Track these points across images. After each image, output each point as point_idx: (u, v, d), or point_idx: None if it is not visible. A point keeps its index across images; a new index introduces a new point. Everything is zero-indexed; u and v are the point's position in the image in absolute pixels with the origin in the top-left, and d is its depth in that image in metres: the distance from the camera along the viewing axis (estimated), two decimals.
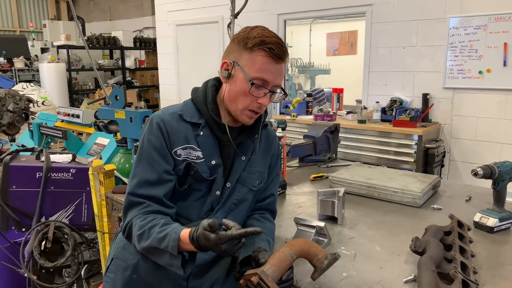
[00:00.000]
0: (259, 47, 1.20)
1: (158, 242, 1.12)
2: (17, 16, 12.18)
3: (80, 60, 8.95)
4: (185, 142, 1.27)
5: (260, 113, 1.30)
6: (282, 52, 1.21)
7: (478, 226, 1.59)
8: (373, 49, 4.74)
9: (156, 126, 1.26)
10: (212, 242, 1.04)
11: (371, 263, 1.34)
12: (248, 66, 1.22)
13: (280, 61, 1.23)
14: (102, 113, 2.29)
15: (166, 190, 1.25)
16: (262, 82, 1.22)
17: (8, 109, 3.98)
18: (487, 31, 3.93)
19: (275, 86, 1.26)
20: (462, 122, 4.24)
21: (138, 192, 1.24)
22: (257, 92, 1.23)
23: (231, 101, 1.26)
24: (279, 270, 1.08)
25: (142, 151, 1.27)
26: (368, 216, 1.75)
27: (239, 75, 1.23)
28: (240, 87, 1.23)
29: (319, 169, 2.49)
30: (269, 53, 1.20)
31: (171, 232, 1.12)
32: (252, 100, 1.24)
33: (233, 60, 1.24)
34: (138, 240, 1.18)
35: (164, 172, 1.24)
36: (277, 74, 1.24)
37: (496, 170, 1.55)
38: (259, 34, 1.21)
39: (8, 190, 2.17)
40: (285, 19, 5.57)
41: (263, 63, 1.21)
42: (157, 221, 1.18)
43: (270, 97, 1.26)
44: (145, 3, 10.45)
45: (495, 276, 1.26)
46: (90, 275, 2.64)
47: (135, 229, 1.19)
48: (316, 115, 4.48)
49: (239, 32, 1.27)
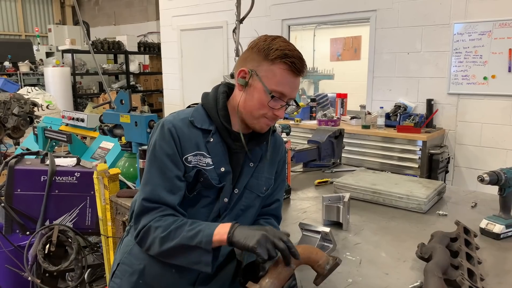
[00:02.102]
0: (281, 60, 1.19)
1: (190, 239, 1.12)
2: (23, 20, 12.27)
3: (85, 64, 9.00)
4: (195, 148, 1.26)
5: (274, 122, 1.30)
6: (302, 67, 1.22)
7: (485, 232, 1.58)
8: (377, 55, 4.74)
9: (168, 132, 1.24)
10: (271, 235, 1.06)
11: (376, 269, 1.34)
12: (268, 78, 1.21)
13: (299, 75, 1.23)
14: (107, 117, 2.29)
15: (178, 197, 1.24)
16: (280, 95, 1.22)
17: (13, 112, 4.00)
18: (492, 36, 3.93)
19: (291, 99, 1.26)
20: (467, 128, 4.23)
21: (152, 198, 1.21)
22: (274, 104, 1.23)
23: (246, 110, 1.26)
24: (278, 282, 1.07)
25: (154, 157, 1.25)
26: (373, 222, 1.74)
27: (257, 85, 1.22)
28: (258, 97, 1.22)
29: (324, 174, 2.48)
30: (291, 67, 1.19)
31: (205, 228, 1.12)
32: (268, 110, 1.24)
33: (252, 69, 1.23)
34: (162, 242, 1.16)
35: (177, 179, 1.23)
36: (294, 88, 1.24)
37: (502, 176, 1.54)
38: (281, 47, 1.20)
39: (13, 194, 2.18)
40: (289, 24, 5.59)
41: (283, 77, 1.20)
42: (183, 221, 1.17)
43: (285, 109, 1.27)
44: (150, 8, 10.52)
45: (502, 283, 1.25)
46: (93, 279, 2.64)
47: (158, 231, 1.17)
48: (320, 120, 4.48)
49: (258, 40, 1.26)
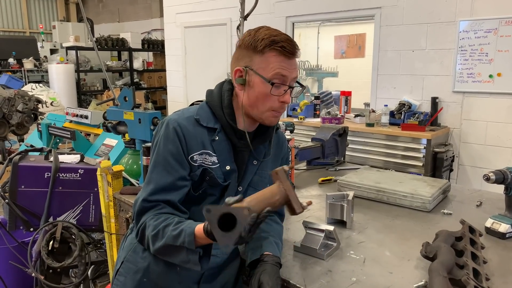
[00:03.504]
0: (270, 48, 1.18)
1: (174, 239, 1.11)
2: (27, 17, 12.31)
3: (89, 61, 9.02)
4: (201, 147, 1.25)
5: (283, 111, 1.29)
6: (293, 48, 1.20)
7: (490, 232, 1.57)
8: (382, 52, 4.72)
9: (173, 131, 1.23)
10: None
11: (380, 268, 1.33)
12: (263, 68, 1.20)
13: (293, 57, 1.22)
14: (110, 114, 2.29)
15: (181, 196, 1.23)
16: (281, 80, 1.21)
17: (18, 109, 4.02)
18: (498, 34, 3.89)
19: (293, 80, 1.25)
20: (472, 126, 4.20)
21: (152, 199, 1.21)
22: (278, 91, 1.22)
23: (252, 106, 1.25)
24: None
25: (158, 157, 1.24)
26: (377, 220, 1.73)
27: (255, 80, 1.21)
28: (259, 91, 1.22)
29: (327, 172, 2.47)
30: (281, 51, 1.19)
31: (186, 228, 1.11)
32: (273, 101, 1.23)
33: (246, 66, 1.22)
34: (153, 241, 1.16)
35: (180, 178, 1.23)
36: (292, 69, 1.22)
37: (508, 175, 1.53)
38: (266, 35, 1.19)
39: (17, 190, 2.18)
40: (293, 21, 5.57)
41: (277, 62, 1.19)
42: (171, 220, 1.16)
43: (290, 93, 1.26)
44: (154, 5, 10.52)
45: (507, 283, 1.24)
46: (97, 275, 2.64)
47: (148, 230, 1.17)
48: (324, 118, 4.46)
49: (243, 37, 1.25)
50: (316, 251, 1.39)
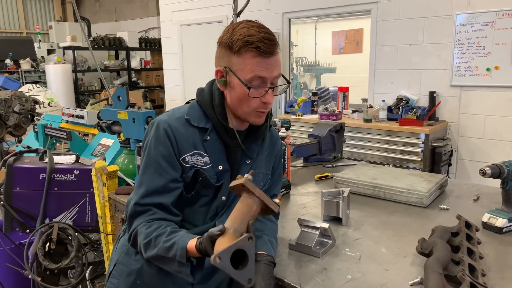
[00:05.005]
0: (246, 49, 1.14)
1: (166, 251, 1.09)
2: (24, 18, 12.26)
3: (86, 61, 8.99)
4: (192, 148, 1.23)
5: (268, 110, 1.26)
6: (271, 47, 1.15)
7: (487, 226, 1.56)
8: (379, 47, 4.70)
9: (164, 133, 1.20)
10: None
11: (376, 265, 1.32)
12: (241, 70, 1.16)
13: (271, 56, 1.16)
14: (105, 114, 2.27)
15: (173, 198, 1.21)
16: (259, 81, 1.17)
17: (14, 110, 3.99)
18: (495, 27, 3.87)
19: (275, 79, 1.20)
20: (470, 120, 4.18)
21: (144, 202, 1.19)
22: (257, 92, 1.18)
23: (236, 107, 1.22)
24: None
25: (149, 159, 1.22)
26: (373, 217, 1.72)
27: (235, 81, 1.18)
28: (239, 92, 1.19)
29: (324, 169, 2.46)
30: (257, 52, 1.14)
31: (179, 241, 1.09)
32: (255, 101, 1.19)
33: (225, 66, 1.19)
34: (145, 248, 1.15)
35: (172, 180, 1.21)
36: (272, 68, 1.17)
37: (505, 169, 1.51)
38: (242, 35, 1.13)
39: (12, 192, 2.17)
40: (290, 17, 5.54)
41: (254, 64, 1.15)
42: (163, 229, 1.14)
43: (273, 92, 1.21)
44: (150, 3, 10.47)
45: (504, 278, 1.23)
46: (94, 276, 2.63)
47: (140, 237, 1.15)
48: (322, 114, 4.45)
49: (222, 34, 1.20)
50: (311, 249, 1.38)
